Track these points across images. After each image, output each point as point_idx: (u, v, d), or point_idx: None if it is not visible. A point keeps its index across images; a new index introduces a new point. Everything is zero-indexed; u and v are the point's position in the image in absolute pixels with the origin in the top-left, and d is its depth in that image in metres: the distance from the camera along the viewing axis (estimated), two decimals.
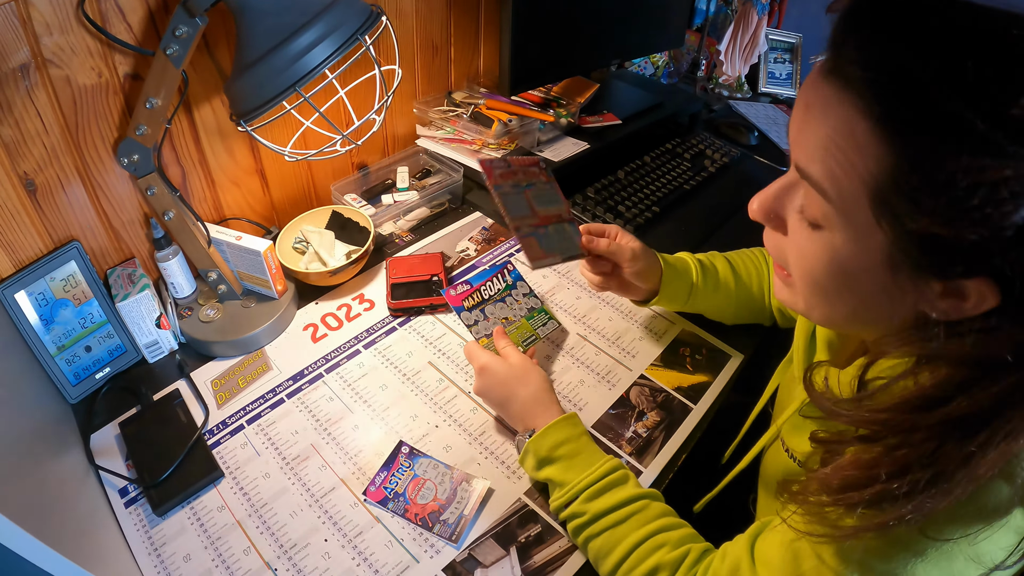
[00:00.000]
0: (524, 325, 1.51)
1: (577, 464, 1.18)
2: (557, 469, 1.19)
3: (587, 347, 1.57)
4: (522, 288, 1.57)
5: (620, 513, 1.11)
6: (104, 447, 1.35)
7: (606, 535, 1.10)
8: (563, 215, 1.42)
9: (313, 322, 1.63)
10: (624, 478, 1.17)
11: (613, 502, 1.12)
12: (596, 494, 1.14)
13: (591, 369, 1.51)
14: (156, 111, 1.29)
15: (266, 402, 1.44)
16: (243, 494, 1.28)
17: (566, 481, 1.17)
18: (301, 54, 1.19)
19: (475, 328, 1.44)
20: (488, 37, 2.14)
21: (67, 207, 1.41)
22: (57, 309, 1.38)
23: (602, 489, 1.14)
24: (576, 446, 1.21)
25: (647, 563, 1.05)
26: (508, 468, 1.32)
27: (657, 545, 1.06)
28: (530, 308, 1.55)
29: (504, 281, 1.54)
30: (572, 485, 1.15)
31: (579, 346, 1.57)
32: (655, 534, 1.08)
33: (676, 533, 1.08)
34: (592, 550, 1.12)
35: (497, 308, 1.50)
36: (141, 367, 1.52)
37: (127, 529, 1.23)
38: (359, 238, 1.73)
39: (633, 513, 1.11)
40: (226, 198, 1.70)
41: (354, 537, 1.21)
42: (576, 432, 1.23)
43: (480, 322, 1.46)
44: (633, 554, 1.06)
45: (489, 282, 1.52)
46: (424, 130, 2.05)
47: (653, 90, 2.47)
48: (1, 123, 1.25)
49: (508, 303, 1.52)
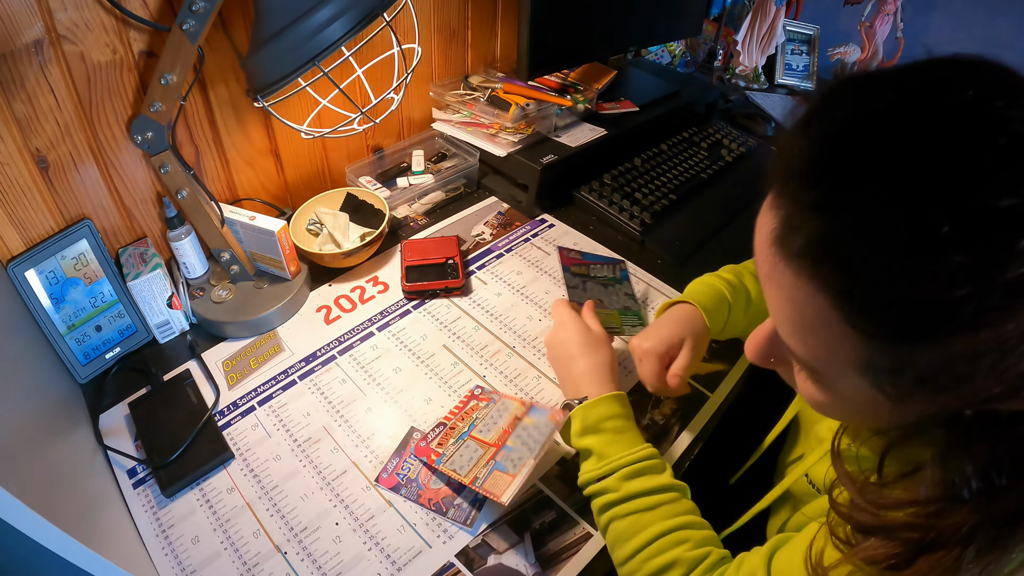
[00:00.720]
0: (614, 316, 1.50)
1: (620, 441, 1.17)
2: (600, 441, 1.17)
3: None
4: (625, 288, 1.57)
5: (651, 500, 1.08)
6: (113, 427, 1.34)
7: (633, 518, 1.08)
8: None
9: (326, 304, 1.61)
10: (661, 467, 1.14)
11: (647, 487, 1.10)
12: (633, 475, 1.11)
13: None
14: (171, 88, 1.27)
15: (278, 383, 1.43)
16: (253, 476, 1.27)
17: (606, 455, 1.15)
18: (320, 28, 1.18)
19: (572, 291, 1.46)
20: (505, 21, 2.12)
21: (79, 185, 1.39)
22: (67, 288, 1.36)
23: (639, 472, 1.12)
24: (623, 424, 1.19)
25: (667, 555, 1.03)
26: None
27: (680, 540, 1.04)
28: (626, 306, 1.55)
29: (613, 274, 1.55)
30: (612, 460, 1.14)
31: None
32: (680, 529, 1.05)
33: (700, 533, 1.06)
34: (614, 529, 1.10)
35: (597, 288, 1.51)
36: (151, 347, 1.51)
37: (135, 510, 1.22)
38: (374, 221, 1.72)
39: (664, 503, 1.09)
40: (240, 178, 1.68)
41: (366, 521, 1.20)
42: (625, 411, 1.22)
43: (578, 288, 1.48)
44: (655, 543, 1.04)
45: (600, 265, 1.53)
46: (440, 113, 2.03)
47: (670, 78, 2.45)
48: (14, 99, 1.23)
49: (608, 291, 1.53)
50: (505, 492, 1.15)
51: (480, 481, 1.19)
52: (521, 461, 1.20)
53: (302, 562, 1.15)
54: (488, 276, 1.69)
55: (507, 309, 1.60)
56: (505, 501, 1.14)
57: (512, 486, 1.16)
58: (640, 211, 1.82)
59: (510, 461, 1.22)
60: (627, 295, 1.57)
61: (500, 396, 1.37)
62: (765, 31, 2.71)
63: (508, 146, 1.88)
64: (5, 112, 1.23)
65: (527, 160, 1.84)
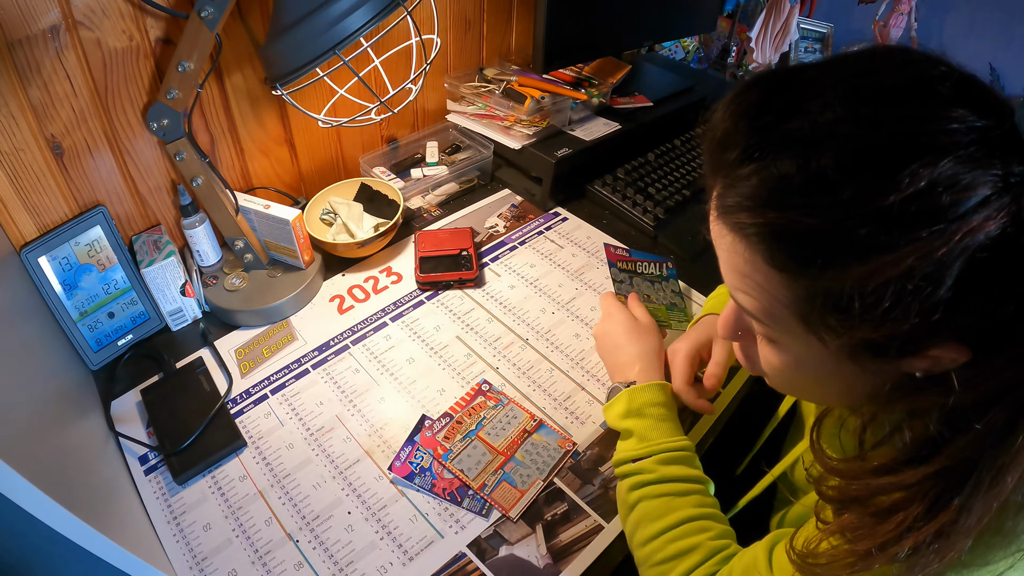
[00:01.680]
0: (662, 311, 1.50)
1: (663, 428, 1.19)
2: (643, 424, 1.20)
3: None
4: (672, 286, 1.57)
5: (684, 487, 1.11)
6: (124, 414, 1.34)
7: (664, 500, 1.10)
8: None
9: (339, 293, 1.61)
10: (695, 461, 1.17)
11: (682, 474, 1.13)
12: (670, 461, 1.14)
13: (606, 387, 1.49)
14: (188, 75, 1.27)
15: (291, 372, 1.43)
16: (266, 464, 1.27)
17: (648, 438, 1.18)
18: (340, 18, 1.18)
19: (618, 286, 1.46)
20: (521, 14, 2.11)
21: (94, 171, 1.40)
22: (81, 274, 1.36)
23: (677, 459, 1.14)
24: (666, 412, 1.22)
25: (690, 540, 1.05)
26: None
27: (704, 528, 1.06)
28: (672, 303, 1.55)
29: (660, 271, 1.55)
30: (653, 443, 1.16)
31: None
32: (705, 518, 1.08)
33: (721, 526, 1.08)
34: (641, 509, 1.11)
35: (643, 284, 1.51)
36: (164, 335, 1.51)
37: (146, 497, 1.22)
38: (388, 211, 1.72)
39: (694, 492, 1.11)
40: (254, 167, 1.68)
41: (378, 510, 1.20)
42: (669, 401, 1.24)
43: (624, 283, 1.48)
44: (681, 527, 1.06)
45: (646, 263, 1.52)
46: (455, 105, 2.03)
47: (684, 74, 2.44)
48: (30, 85, 1.23)
49: (655, 287, 1.53)
50: (514, 507, 1.20)
51: (488, 490, 1.22)
52: (530, 480, 1.24)
53: (314, 550, 1.15)
54: (501, 268, 1.69)
55: (520, 301, 1.60)
56: (514, 516, 1.18)
57: (521, 502, 1.20)
58: (653, 206, 1.81)
59: (519, 476, 1.24)
60: (674, 292, 1.57)
61: (509, 400, 1.38)
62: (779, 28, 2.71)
63: (522, 139, 1.88)
64: (21, 98, 1.23)
65: (541, 153, 1.84)
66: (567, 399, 1.38)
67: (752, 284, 0.76)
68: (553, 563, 1.14)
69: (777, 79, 0.74)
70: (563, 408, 1.38)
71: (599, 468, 1.28)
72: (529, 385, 1.42)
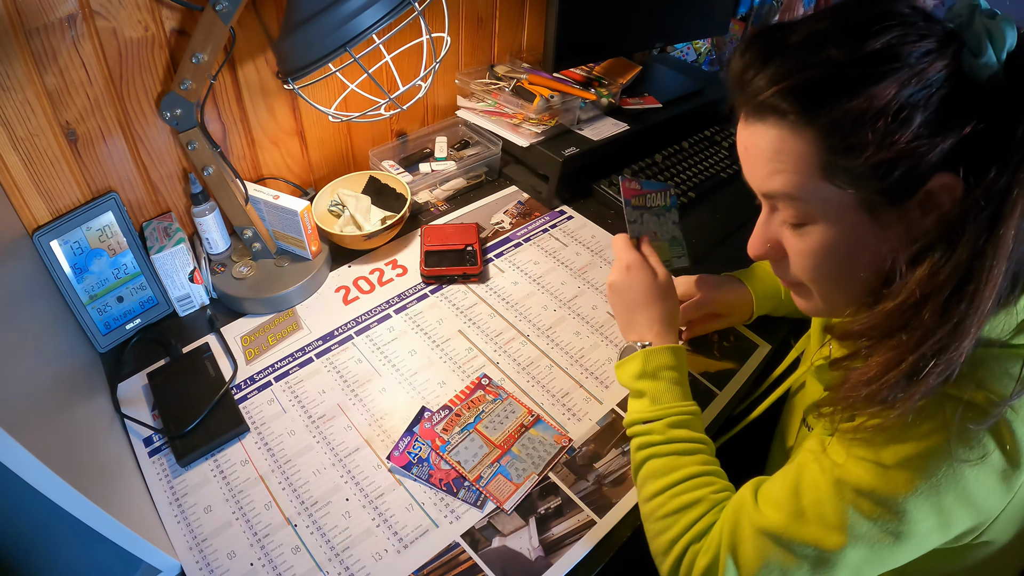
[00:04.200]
0: (664, 248, 1.50)
1: (674, 392, 1.23)
2: (656, 387, 1.23)
3: (616, 326, 1.56)
4: (672, 216, 1.55)
5: (690, 446, 1.16)
6: (131, 397, 1.37)
7: (671, 459, 1.15)
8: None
9: (345, 284, 1.63)
10: (701, 425, 1.22)
11: (689, 436, 1.17)
12: (679, 424, 1.18)
13: (619, 347, 1.51)
14: (202, 66, 1.29)
15: (294, 360, 1.45)
16: (267, 449, 1.29)
17: (661, 400, 1.22)
18: (353, 15, 1.20)
19: (632, 227, 1.45)
20: (533, 12, 2.13)
21: (107, 158, 1.42)
22: (91, 258, 1.39)
23: (685, 423, 1.19)
24: (680, 376, 1.26)
25: (694, 493, 1.09)
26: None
27: (707, 483, 1.11)
28: (673, 236, 1.54)
29: (664, 201, 1.53)
30: (664, 406, 1.20)
31: (609, 324, 1.57)
32: (709, 474, 1.13)
33: (723, 481, 1.13)
34: (649, 467, 1.16)
35: (652, 221, 1.50)
36: (171, 320, 1.53)
37: (150, 478, 1.25)
38: (395, 204, 1.74)
39: (700, 451, 1.16)
40: (264, 157, 1.70)
41: (375, 498, 1.22)
42: (682, 365, 1.28)
43: (636, 223, 1.46)
44: (687, 482, 1.11)
45: (654, 195, 1.51)
46: (465, 101, 2.04)
47: (694, 76, 2.44)
48: (46, 72, 1.26)
49: (660, 221, 1.52)
50: (508, 499, 1.22)
51: (484, 482, 1.24)
52: (525, 473, 1.26)
53: (311, 535, 1.17)
54: (505, 264, 1.71)
55: (523, 298, 1.62)
56: (508, 508, 1.20)
57: (516, 495, 1.23)
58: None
59: (515, 470, 1.26)
60: (674, 224, 1.56)
61: (507, 395, 1.40)
62: None
63: (531, 137, 1.89)
64: (37, 84, 1.25)
65: (549, 151, 1.85)
66: (565, 396, 1.40)
67: (780, 155, 0.91)
68: (545, 556, 1.16)
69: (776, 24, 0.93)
70: (560, 404, 1.39)
71: (594, 464, 1.30)
72: (528, 381, 1.43)
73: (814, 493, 0.93)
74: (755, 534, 0.97)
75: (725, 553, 0.99)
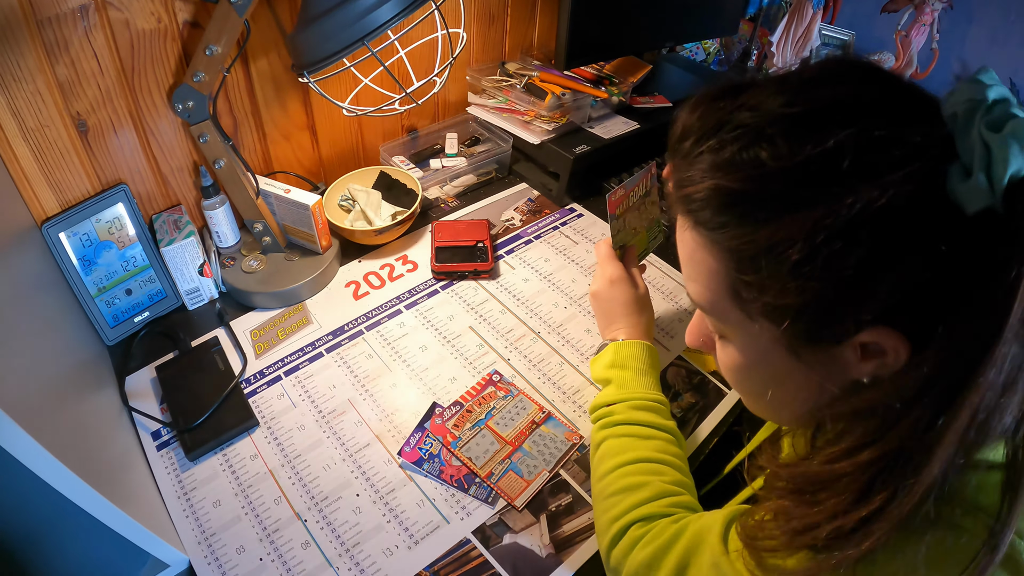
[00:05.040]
0: (643, 237, 1.50)
1: (641, 381, 1.24)
2: (623, 374, 1.25)
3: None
4: (652, 196, 1.53)
5: (647, 431, 1.16)
6: (139, 390, 1.37)
7: (625, 440, 1.15)
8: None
9: (355, 279, 1.63)
10: (668, 415, 1.21)
11: (648, 420, 1.17)
12: (640, 408, 1.18)
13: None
14: (215, 59, 1.29)
15: (305, 355, 1.45)
16: (277, 444, 1.28)
17: (625, 385, 1.23)
18: (370, 10, 1.20)
19: (616, 238, 1.43)
20: (544, 10, 2.13)
21: (117, 150, 1.41)
22: (100, 251, 1.38)
23: (647, 408, 1.18)
24: (647, 368, 1.27)
25: (641, 477, 1.08)
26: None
27: (658, 471, 1.09)
28: (652, 219, 1.53)
29: (646, 185, 1.50)
30: (629, 390, 1.21)
31: None
32: (662, 463, 1.11)
33: (678, 475, 1.11)
34: (603, 447, 1.16)
35: (632, 216, 1.48)
36: (180, 313, 1.53)
37: (158, 472, 1.24)
38: (405, 200, 1.73)
39: (657, 438, 1.15)
40: (275, 151, 1.70)
41: (386, 494, 1.21)
42: (653, 361, 1.29)
43: (621, 231, 1.45)
44: (634, 465, 1.10)
45: (637, 186, 1.47)
46: (476, 98, 2.04)
47: (704, 76, 2.44)
48: (57, 62, 1.25)
49: (640, 211, 1.50)
50: (520, 496, 1.22)
51: (495, 478, 1.23)
52: (537, 470, 1.26)
53: (321, 530, 1.16)
54: (516, 261, 1.71)
55: (534, 295, 1.62)
56: (519, 505, 1.20)
57: (527, 492, 1.22)
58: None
59: (526, 467, 1.26)
60: (653, 203, 1.53)
61: (518, 391, 1.39)
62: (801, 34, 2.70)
63: (541, 134, 1.89)
64: (48, 75, 1.25)
65: (560, 149, 1.85)
66: (576, 393, 1.40)
67: (692, 262, 0.81)
68: (555, 553, 1.15)
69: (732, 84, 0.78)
70: (571, 401, 1.39)
71: None
72: (539, 377, 1.43)
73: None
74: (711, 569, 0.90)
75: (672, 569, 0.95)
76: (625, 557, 1.02)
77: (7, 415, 0.76)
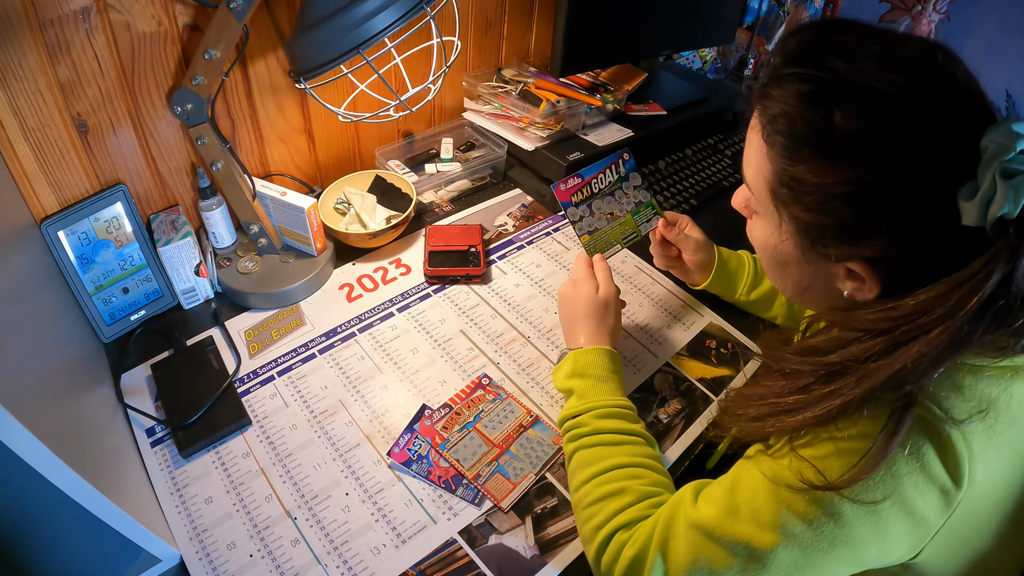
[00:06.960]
0: (628, 221, 1.51)
1: (602, 389, 1.26)
2: (584, 383, 1.27)
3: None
4: (634, 180, 1.54)
5: (617, 437, 1.18)
6: (134, 387, 1.38)
7: (596, 449, 1.17)
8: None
9: (349, 282, 1.64)
10: (635, 418, 1.24)
11: (616, 427, 1.19)
12: (606, 416, 1.21)
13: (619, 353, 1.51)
14: (214, 63, 1.31)
15: (298, 356, 1.46)
16: (269, 443, 1.30)
17: (586, 395, 1.25)
18: (367, 18, 1.21)
19: (579, 224, 1.45)
20: (541, 17, 2.14)
21: (116, 150, 1.43)
22: (98, 249, 1.40)
23: (613, 415, 1.21)
24: (607, 375, 1.28)
25: (619, 483, 1.10)
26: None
27: (636, 475, 1.12)
28: (637, 203, 1.54)
29: (617, 173, 1.51)
30: (590, 400, 1.23)
31: None
32: (638, 467, 1.14)
33: (656, 475, 1.14)
34: (576, 459, 1.18)
35: (605, 203, 1.49)
36: (176, 312, 1.54)
37: (151, 468, 1.26)
38: (400, 204, 1.75)
39: (628, 443, 1.18)
40: (272, 154, 1.71)
41: (375, 493, 1.23)
42: (613, 366, 1.30)
43: (585, 217, 1.46)
44: (610, 472, 1.12)
45: (601, 174, 1.49)
46: (472, 104, 2.06)
47: (699, 84, 2.45)
48: (59, 63, 1.27)
49: (616, 197, 1.51)
50: (506, 498, 1.23)
51: (482, 480, 1.25)
52: (523, 473, 1.27)
53: (311, 528, 1.18)
54: (508, 266, 1.72)
55: (524, 300, 1.63)
56: (505, 507, 1.22)
57: (513, 493, 1.24)
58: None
59: (513, 469, 1.28)
60: (636, 188, 1.54)
61: (507, 395, 1.41)
62: None
63: (536, 140, 1.91)
64: (49, 75, 1.26)
65: (554, 156, 1.87)
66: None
67: (753, 152, 0.98)
68: (540, 555, 1.17)
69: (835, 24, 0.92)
70: (559, 406, 1.40)
71: None
72: (528, 381, 1.45)
73: (749, 490, 0.94)
74: (688, 529, 0.97)
75: (655, 547, 0.99)
76: (614, 562, 1.04)
77: (2, 406, 0.77)
